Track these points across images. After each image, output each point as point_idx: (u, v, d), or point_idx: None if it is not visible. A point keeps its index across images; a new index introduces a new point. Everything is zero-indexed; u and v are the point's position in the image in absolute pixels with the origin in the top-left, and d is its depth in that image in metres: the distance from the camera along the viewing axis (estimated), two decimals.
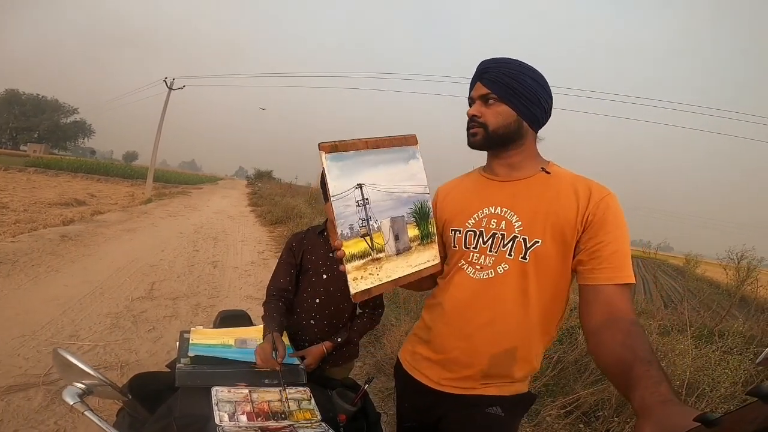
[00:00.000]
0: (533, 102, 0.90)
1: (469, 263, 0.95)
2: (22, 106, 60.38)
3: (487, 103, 0.92)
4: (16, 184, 13.12)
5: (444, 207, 1.05)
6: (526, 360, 0.92)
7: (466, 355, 0.94)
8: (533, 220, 0.89)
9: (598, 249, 0.82)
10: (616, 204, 0.85)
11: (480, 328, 0.92)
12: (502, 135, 0.92)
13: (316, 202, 12.98)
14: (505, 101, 0.91)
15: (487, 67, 0.93)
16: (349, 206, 0.75)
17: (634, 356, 0.64)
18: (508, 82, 0.90)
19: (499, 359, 0.91)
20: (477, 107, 0.94)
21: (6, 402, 1.92)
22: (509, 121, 0.91)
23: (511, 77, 0.90)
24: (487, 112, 0.92)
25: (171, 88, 17.07)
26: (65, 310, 3.12)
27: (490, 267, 0.92)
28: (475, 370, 0.93)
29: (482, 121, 0.93)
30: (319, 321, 1.32)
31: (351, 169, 0.75)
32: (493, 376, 0.93)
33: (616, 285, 0.80)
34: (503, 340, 0.91)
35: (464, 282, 0.95)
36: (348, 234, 0.75)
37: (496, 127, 0.92)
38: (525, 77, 0.90)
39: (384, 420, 2.06)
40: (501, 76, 0.90)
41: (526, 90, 0.89)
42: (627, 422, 2.11)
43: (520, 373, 0.93)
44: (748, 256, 8.68)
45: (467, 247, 0.96)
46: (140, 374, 1.05)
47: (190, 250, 6.01)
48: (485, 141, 0.94)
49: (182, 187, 24.92)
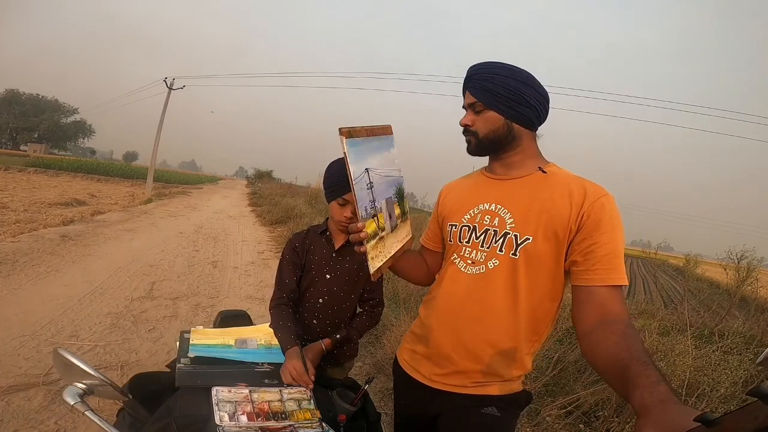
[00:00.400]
0: (520, 103, 0.91)
1: (461, 257, 0.97)
2: (22, 106, 60.37)
3: (476, 111, 0.94)
4: (16, 184, 13.12)
5: (445, 203, 1.09)
6: (515, 359, 0.92)
7: (455, 350, 0.94)
8: (526, 218, 0.90)
9: (593, 250, 0.82)
10: (612, 205, 0.85)
11: (469, 323, 0.93)
12: (492, 140, 0.94)
13: (315, 202, 12.99)
14: (491, 107, 0.92)
15: (470, 75, 0.95)
16: (363, 189, 0.80)
17: (630, 356, 0.64)
18: (491, 88, 0.91)
19: (487, 356, 0.92)
20: (467, 117, 0.96)
21: (6, 402, 1.92)
22: (497, 126, 0.93)
23: (493, 82, 0.91)
24: (477, 119, 0.94)
25: (171, 88, 17.08)
26: (65, 310, 3.12)
27: (482, 263, 0.93)
28: (464, 366, 0.94)
29: (473, 130, 0.95)
30: (321, 321, 1.33)
31: (360, 154, 0.79)
32: (484, 374, 0.93)
33: (609, 287, 0.80)
34: (492, 336, 0.91)
35: (456, 276, 0.97)
36: (364, 216, 0.80)
37: (486, 133, 0.94)
38: (508, 80, 0.90)
39: (384, 420, 2.06)
40: (484, 83, 0.92)
41: (510, 93, 0.90)
42: (627, 422, 2.12)
43: (511, 372, 0.93)
44: (748, 256, 8.67)
45: (461, 241, 0.98)
46: (140, 374, 1.05)
47: (190, 250, 6.00)
48: (478, 148, 0.97)
49: (182, 187, 24.93)
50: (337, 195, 1.25)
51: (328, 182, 1.28)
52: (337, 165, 1.26)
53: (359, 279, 1.35)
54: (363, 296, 1.37)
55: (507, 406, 0.95)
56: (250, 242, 7.48)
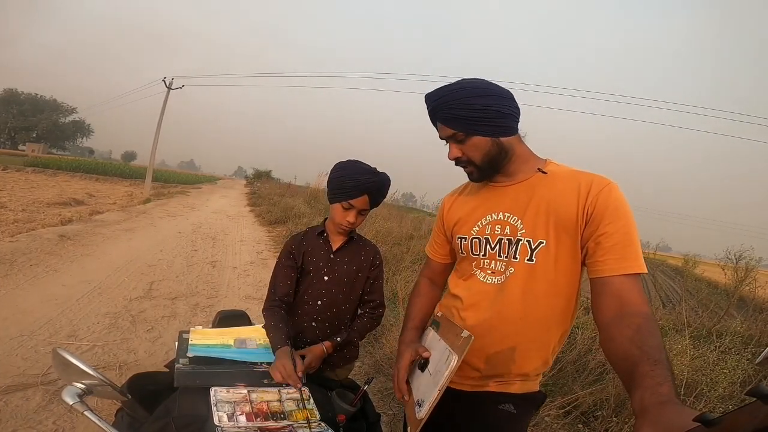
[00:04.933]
0: (496, 117, 0.89)
1: (480, 269, 0.97)
2: (21, 105, 60.24)
3: (459, 141, 0.92)
4: (15, 183, 13.08)
5: (450, 216, 1.07)
6: (538, 357, 0.93)
7: (479, 356, 0.95)
8: (536, 222, 0.89)
9: (602, 240, 0.81)
10: (618, 193, 0.84)
11: (491, 330, 0.93)
12: (490, 162, 0.93)
13: (315, 202, 12.97)
14: (473, 133, 0.90)
15: (434, 107, 0.92)
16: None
17: (641, 353, 0.63)
18: (462, 115, 0.88)
19: (511, 360, 0.92)
20: (453, 150, 0.94)
21: (4, 402, 1.91)
22: (488, 147, 0.91)
23: (464, 107, 0.88)
24: (465, 149, 0.93)
25: (170, 87, 17.04)
26: (63, 309, 3.11)
27: (501, 272, 0.93)
28: (489, 370, 0.95)
29: (467, 160, 0.93)
30: (321, 323, 1.31)
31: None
32: (506, 375, 0.94)
33: (624, 275, 0.78)
34: (515, 340, 0.92)
35: (476, 287, 0.97)
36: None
37: (481, 159, 0.92)
38: (474, 100, 0.88)
39: (384, 420, 2.06)
40: (453, 111, 0.89)
41: (483, 112, 0.88)
42: (626, 422, 2.12)
43: (533, 369, 0.94)
44: (747, 257, 8.69)
45: (475, 254, 0.98)
46: (139, 374, 1.05)
47: (188, 250, 5.99)
48: (482, 175, 0.96)
49: (181, 187, 24.86)
50: (342, 198, 1.23)
51: (335, 183, 1.24)
52: (348, 168, 1.24)
53: (358, 280, 1.33)
54: (363, 298, 1.36)
55: (523, 403, 0.96)
56: (249, 242, 7.47)
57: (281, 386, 1.06)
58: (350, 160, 1.27)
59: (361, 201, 1.23)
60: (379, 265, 1.37)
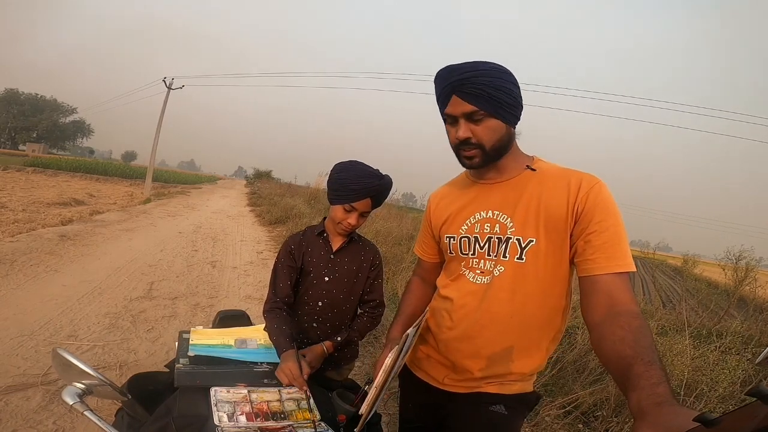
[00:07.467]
0: (517, 107, 0.87)
1: (469, 269, 0.96)
2: (21, 105, 60.29)
3: (474, 121, 0.86)
4: (15, 183, 13.08)
5: (438, 215, 1.06)
6: (531, 357, 0.93)
7: (471, 357, 0.94)
8: (525, 220, 0.88)
9: (591, 238, 0.81)
10: (606, 192, 0.84)
11: (482, 331, 0.92)
12: (498, 149, 0.89)
13: (315, 202, 12.97)
14: (494, 115, 0.85)
15: (463, 78, 0.83)
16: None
17: (634, 354, 0.63)
18: (493, 95, 0.83)
19: (503, 359, 0.92)
20: (464, 128, 0.86)
21: (4, 402, 1.91)
22: (501, 134, 0.87)
23: (494, 87, 0.82)
24: (478, 130, 0.86)
25: (170, 87, 17.03)
26: (64, 309, 3.11)
27: (490, 272, 0.92)
28: (481, 371, 0.94)
29: (476, 142, 0.87)
30: (322, 323, 1.31)
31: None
32: (499, 375, 0.93)
33: (612, 274, 0.78)
34: (506, 340, 0.91)
35: (465, 287, 0.96)
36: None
37: (492, 144, 0.87)
38: (506, 83, 0.84)
39: (384, 420, 2.06)
40: (484, 88, 0.82)
41: (511, 97, 0.85)
42: (626, 422, 2.12)
43: (526, 369, 0.93)
44: (747, 257, 8.69)
45: (464, 253, 0.97)
46: (139, 374, 1.05)
47: (189, 250, 5.99)
48: (485, 161, 0.90)
49: (181, 187, 24.89)
50: (345, 200, 1.22)
51: (337, 185, 1.23)
52: (351, 170, 1.23)
53: (358, 280, 1.33)
54: (363, 297, 1.36)
55: (516, 404, 0.95)
56: (249, 242, 7.47)
57: (281, 386, 1.06)
58: (352, 161, 1.26)
59: (363, 204, 1.23)
60: (379, 265, 1.38)
